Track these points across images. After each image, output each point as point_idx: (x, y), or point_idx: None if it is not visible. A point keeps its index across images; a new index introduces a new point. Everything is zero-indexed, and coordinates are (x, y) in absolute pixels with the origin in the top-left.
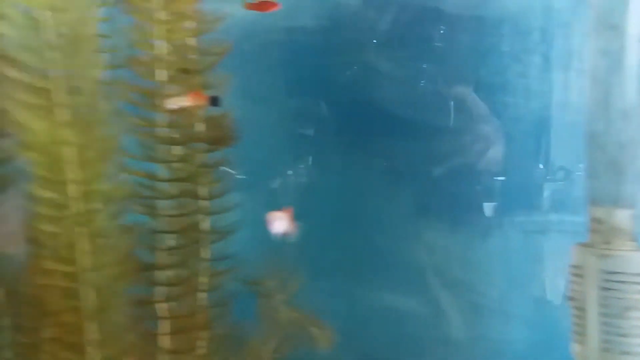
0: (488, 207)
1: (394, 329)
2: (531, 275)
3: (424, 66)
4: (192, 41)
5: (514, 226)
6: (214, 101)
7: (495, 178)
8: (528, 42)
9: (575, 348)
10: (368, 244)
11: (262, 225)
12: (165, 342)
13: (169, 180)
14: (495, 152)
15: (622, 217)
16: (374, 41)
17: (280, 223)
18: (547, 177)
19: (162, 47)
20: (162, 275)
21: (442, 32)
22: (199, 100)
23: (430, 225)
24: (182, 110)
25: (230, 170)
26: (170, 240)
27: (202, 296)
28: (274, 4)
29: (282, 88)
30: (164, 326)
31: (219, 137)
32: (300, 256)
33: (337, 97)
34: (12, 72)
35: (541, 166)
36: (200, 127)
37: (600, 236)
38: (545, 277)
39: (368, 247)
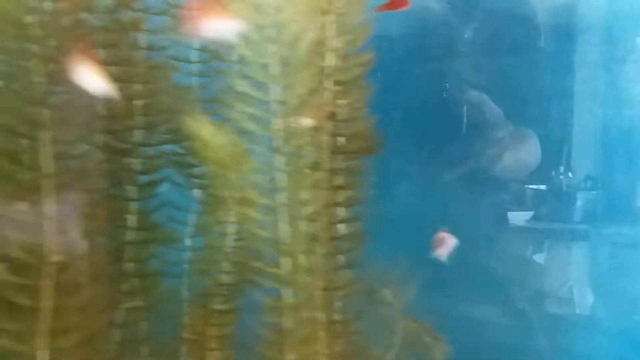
0: (574, 218)
1: (476, 339)
2: (618, 287)
3: (510, 74)
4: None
5: (601, 238)
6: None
7: (581, 187)
8: (618, 51)
9: None
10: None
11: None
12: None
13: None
14: (584, 161)
15: None
16: (460, 49)
17: (448, 246)
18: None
19: (331, 59)
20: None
21: (528, 40)
22: (320, 118)
23: (512, 235)
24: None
25: None
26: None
27: (338, 305)
28: (404, 3)
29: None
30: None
31: (363, 147)
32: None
33: (420, 104)
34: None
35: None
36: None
37: None
38: (633, 289)
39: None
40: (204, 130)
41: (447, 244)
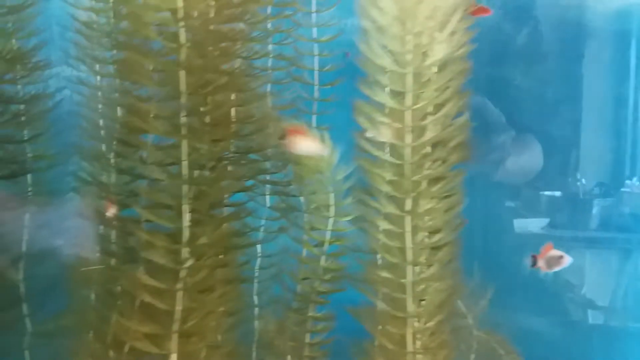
0: (629, 226)
1: (529, 349)
2: None
3: (562, 81)
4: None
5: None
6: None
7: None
8: None
9: None
10: (500, 263)
11: None
12: None
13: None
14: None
15: None
16: (512, 55)
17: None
18: None
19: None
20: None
21: (581, 46)
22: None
23: (564, 243)
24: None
25: None
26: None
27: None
28: (486, 10)
29: None
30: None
31: (458, 154)
32: None
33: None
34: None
35: None
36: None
37: None
38: None
39: (500, 266)
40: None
41: (559, 262)
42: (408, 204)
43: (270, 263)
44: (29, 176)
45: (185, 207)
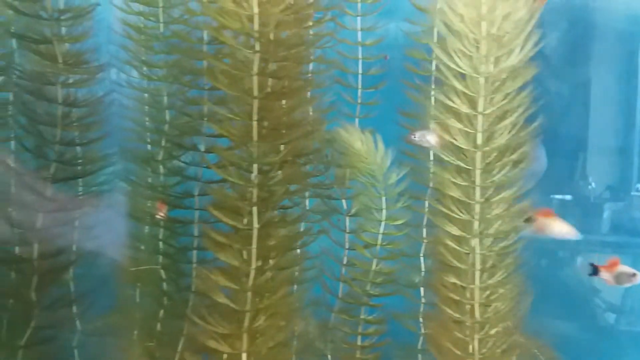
0: None
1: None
2: None
3: (571, 83)
4: None
5: None
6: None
7: None
8: None
9: None
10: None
11: None
12: None
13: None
14: None
15: None
16: (545, 59)
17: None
18: None
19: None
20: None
21: (590, 48)
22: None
23: (590, 248)
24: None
25: None
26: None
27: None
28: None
29: None
30: None
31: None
32: None
33: None
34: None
35: None
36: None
37: None
38: None
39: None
40: (355, 139)
41: (631, 279)
42: (477, 209)
43: (311, 265)
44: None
45: (255, 209)
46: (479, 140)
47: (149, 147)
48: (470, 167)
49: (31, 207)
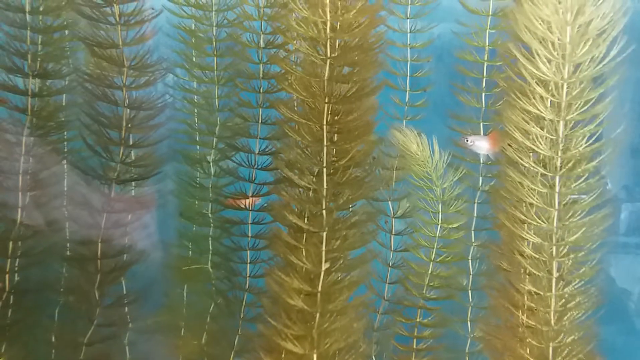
0: None
1: None
2: None
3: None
4: None
5: None
6: None
7: None
8: None
9: None
10: None
11: None
12: None
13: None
14: None
15: None
16: None
17: None
18: None
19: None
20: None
21: None
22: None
23: (624, 249)
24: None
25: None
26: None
27: None
28: None
29: None
30: None
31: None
32: None
33: None
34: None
35: None
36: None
37: None
38: None
39: None
40: (411, 142)
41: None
42: (555, 216)
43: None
44: None
45: (324, 212)
46: (560, 147)
47: (198, 148)
48: (551, 174)
49: (97, 208)
